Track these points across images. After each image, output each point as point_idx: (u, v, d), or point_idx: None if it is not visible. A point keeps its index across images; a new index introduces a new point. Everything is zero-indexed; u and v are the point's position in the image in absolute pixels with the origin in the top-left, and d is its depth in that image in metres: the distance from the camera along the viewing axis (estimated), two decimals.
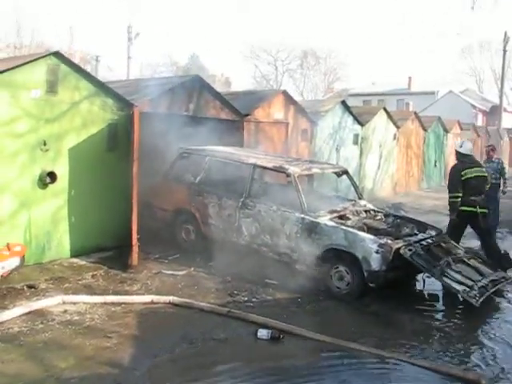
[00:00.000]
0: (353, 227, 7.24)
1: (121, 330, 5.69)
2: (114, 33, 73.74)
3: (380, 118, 16.39)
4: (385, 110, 16.74)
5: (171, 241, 8.99)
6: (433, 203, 16.81)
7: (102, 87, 8.28)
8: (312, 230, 7.32)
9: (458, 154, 8.89)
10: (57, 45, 35.29)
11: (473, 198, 8.48)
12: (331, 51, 64.55)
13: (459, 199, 8.40)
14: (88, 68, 38.84)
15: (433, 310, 7.21)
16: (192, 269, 7.96)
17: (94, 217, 8.29)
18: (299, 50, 63.71)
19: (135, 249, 7.74)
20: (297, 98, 13.47)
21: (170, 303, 6.51)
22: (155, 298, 6.58)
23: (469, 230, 12.49)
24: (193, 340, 5.53)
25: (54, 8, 59.19)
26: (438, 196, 18.53)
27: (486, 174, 8.96)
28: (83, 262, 7.96)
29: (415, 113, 19.29)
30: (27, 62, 7.38)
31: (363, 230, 7.23)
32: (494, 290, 7.24)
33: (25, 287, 6.80)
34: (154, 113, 9.00)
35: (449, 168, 21.86)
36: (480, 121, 42.61)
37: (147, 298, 6.58)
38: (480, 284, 7.00)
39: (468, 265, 7.46)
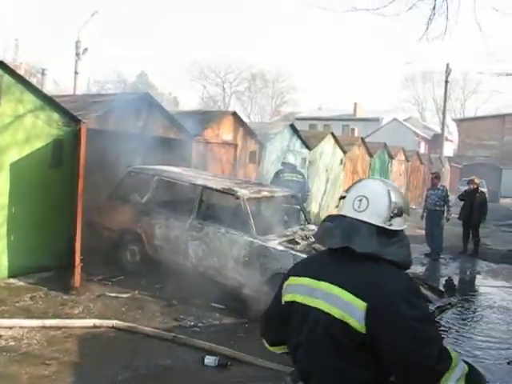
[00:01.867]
0: (301, 252, 7.18)
1: (60, 357, 5.41)
2: (62, 47, 72.36)
3: (327, 143, 16.54)
4: (332, 134, 16.90)
5: (116, 262, 8.72)
6: None
7: (48, 101, 8.00)
8: (261, 254, 7.22)
9: None
10: (1, 56, 34.44)
11: None
12: (280, 75, 65.35)
13: None
14: (34, 81, 37.95)
15: None
16: (136, 291, 7.73)
17: (36, 236, 7.93)
18: (248, 72, 64.25)
19: (78, 270, 7.45)
20: (244, 120, 13.42)
21: (113, 327, 6.28)
22: (97, 321, 6.33)
23: (414, 254, 12.83)
24: (136, 367, 5.31)
25: None
26: None
27: None
28: (22, 283, 7.59)
29: (362, 138, 19.58)
30: None
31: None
32: (439, 316, 7.33)
33: None
34: (101, 130, 8.77)
35: None
36: (422, 148, 43.79)
37: (89, 322, 6.32)
38: None
39: None
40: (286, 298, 2.41)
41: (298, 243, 7.62)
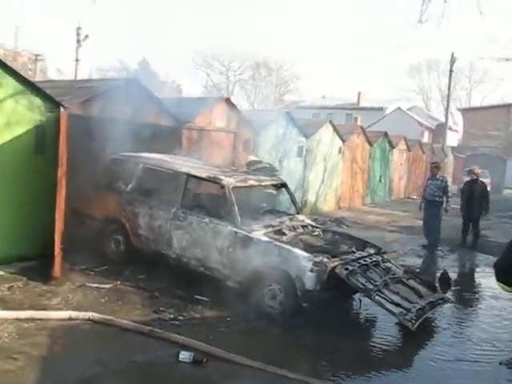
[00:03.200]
0: (287, 243, 6.96)
1: (29, 351, 5.21)
2: (64, 34, 71.90)
3: (326, 131, 16.27)
4: (331, 123, 16.65)
5: (100, 251, 8.52)
6: (376, 219, 16.83)
7: (29, 85, 7.76)
8: (245, 244, 7.00)
9: None
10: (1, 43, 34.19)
11: None
12: (284, 63, 64.73)
13: None
14: (36, 68, 37.70)
15: (368, 334, 6.99)
16: (119, 282, 7.52)
17: (17, 223, 7.71)
18: (252, 60, 63.65)
19: (58, 259, 7.24)
20: (247, 108, 13.19)
21: (89, 320, 6.07)
22: (73, 313, 6.13)
23: (410, 246, 12.60)
24: (107, 363, 5.11)
25: None
26: (381, 212, 18.65)
27: None
28: (1, 273, 7.39)
29: (361, 127, 19.31)
30: None
31: (299, 247, 6.96)
32: (431, 312, 7.09)
33: None
34: (86, 116, 8.54)
35: (394, 183, 22.25)
36: (426, 138, 43.39)
37: (65, 314, 6.12)
38: (418, 306, 6.80)
39: (406, 285, 7.28)
40: None
41: (284, 234, 7.40)
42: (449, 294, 8.54)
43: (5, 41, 34.22)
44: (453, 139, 43.43)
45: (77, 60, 32.54)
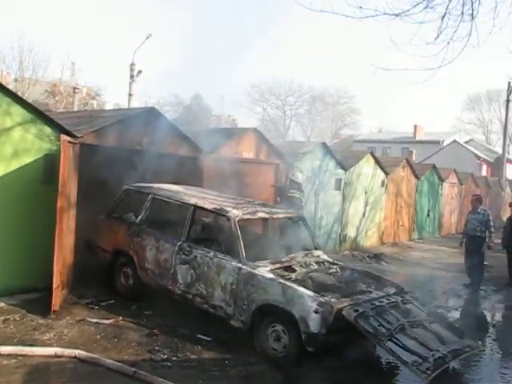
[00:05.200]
0: (292, 281, 6.46)
1: None
2: (119, 71, 74.18)
3: (366, 163, 15.70)
4: (372, 154, 16.08)
5: (109, 284, 8.25)
6: (420, 255, 16.05)
7: (39, 114, 7.68)
8: (248, 281, 6.54)
9: None
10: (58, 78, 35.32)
11: None
12: (340, 98, 64.44)
13: None
14: (93, 103, 38.75)
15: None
16: (121, 318, 7.19)
17: (22, 254, 7.57)
18: (308, 94, 63.65)
19: (56, 293, 6.97)
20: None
21: (75, 357, 5.74)
22: (59, 350, 5.82)
23: (451, 285, 11.79)
24: None
25: (57, 44, 59.68)
26: (428, 247, 17.81)
27: None
28: (1, 304, 7.21)
29: (407, 159, 18.58)
30: None
31: (305, 285, 6.45)
32: (453, 360, 6.37)
33: None
34: (100, 145, 8.38)
35: (444, 218, 21.28)
36: (484, 171, 41.84)
37: (50, 351, 5.81)
38: (438, 354, 6.09)
39: (428, 330, 6.62)
40: None
41: (294, 271, 6.92)
42: (486, 341, 7.78)
43: (61, 76, 35.27)
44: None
45: (130, 95, 33.19)
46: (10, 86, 33.32)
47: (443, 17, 6.30)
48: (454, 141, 43.72)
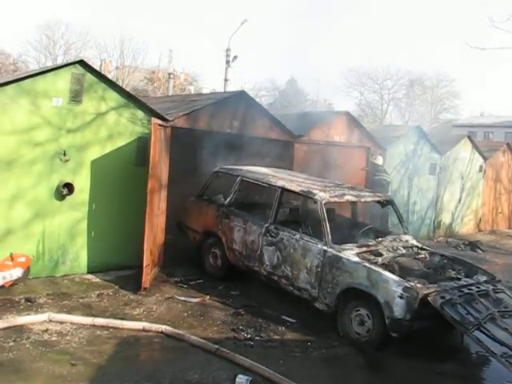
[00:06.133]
0: (378, 265, 6.33)
1: (90, 358, 5.19)
2: (216, 56, 75.30)
3: (463, 148, 15.05)
4: (469, 138, 15.39)
5: (199, 264, 8.46)
6: None
7: (132, 99, 7.95)
8: (333, 264, 6.49)
9: None
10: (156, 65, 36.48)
11: None
12: (439, 81, 62.06)
13: None
14: (191, 89, 39.72)
15: (475, 375, 6.09)
16: (208, 297, 7.37)
17: (117, 233, 7.91)
18: (406, 78, 61.78)
19: (146, 270, 7.23)
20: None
21: (161, 333, 5.95)
22: (147, 325, 6.04)
23: None
24: (159, 379, 4.90)
25: (156, 32, 61.28)
26: None
27: None
28: (97, 280, 7.59)
29: (507, 144, 17.61)
30: (50, 70, 7.19)
31: (392, 270, 6.31)
32: None
33: (22, 300, 6.53)
34: (191, 128, 8.56)
35: None
36: None
37: (139, 325, 6.05)
38: None
39: None
40: None
41: (381, 255, 6.78)
42: None
43: (159, 63, 36.36)
44: None
45: (225, 80, 33.63)
46: (112, 74, 34.89)
47: None
48: None
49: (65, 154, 7.36)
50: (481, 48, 6.87)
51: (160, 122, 7.56)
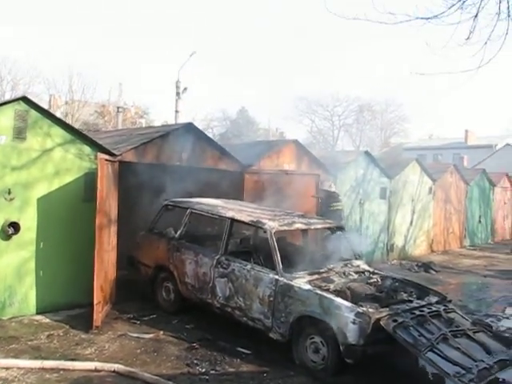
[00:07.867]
0: (330, 292, 6.37)
1: None
2: (166, 89, 75.40)
3: (412, 171, 15.42)
4: (417, 161, 15.78)
5: (152, 299, 8.35)
6: (471, 263, 15.60)
7: (78, 134, 7.88)
8: (285, 293, 6.50)
9: None
10: (109, 100, 36.27)
11: None
12: (388, 105, 63.52)
13: None
14: (142, 122, 39.55)
15: None
16: (161, 332, 7.25)
17: (66, 271, 7.77)
18: (355, 104, 63.02)
19: (97, 308, 7.10)
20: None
21: (114, 372, 5.83)
22: (99, 364, 5.91)
23: (503, 293, 11.40)
24: None
25: (105, 65, 61.07)
26: (479, 254, 17.34)
27: None
28: (47, 320, 7.40)
29: (454, 165, 18.14)
30: None
31: (344, 296, 6.36)
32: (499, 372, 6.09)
33: None
34: (139, 163, 8.52)
35: (498, 224, 20.65)
36: None
37: (90, 365, 5.91)
38: (482, 365, 5.86)
39: (472, 340, 6.39)
40: None
41: (333, 281, 6.83)
42: None
43: (109, 96, 36.19)
44: None
45: (176, 112, 33.65)
46: (61, 109, 34.51)
47: (475, 16, 6.13)
48: (507, 144, 42.40)
49: (9, 193, 7.22)
50: (420, 73, 7.04)
51: (107, 156, 7.52)
